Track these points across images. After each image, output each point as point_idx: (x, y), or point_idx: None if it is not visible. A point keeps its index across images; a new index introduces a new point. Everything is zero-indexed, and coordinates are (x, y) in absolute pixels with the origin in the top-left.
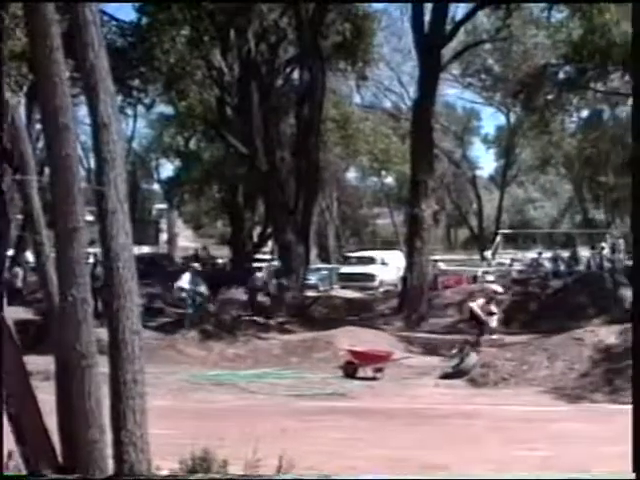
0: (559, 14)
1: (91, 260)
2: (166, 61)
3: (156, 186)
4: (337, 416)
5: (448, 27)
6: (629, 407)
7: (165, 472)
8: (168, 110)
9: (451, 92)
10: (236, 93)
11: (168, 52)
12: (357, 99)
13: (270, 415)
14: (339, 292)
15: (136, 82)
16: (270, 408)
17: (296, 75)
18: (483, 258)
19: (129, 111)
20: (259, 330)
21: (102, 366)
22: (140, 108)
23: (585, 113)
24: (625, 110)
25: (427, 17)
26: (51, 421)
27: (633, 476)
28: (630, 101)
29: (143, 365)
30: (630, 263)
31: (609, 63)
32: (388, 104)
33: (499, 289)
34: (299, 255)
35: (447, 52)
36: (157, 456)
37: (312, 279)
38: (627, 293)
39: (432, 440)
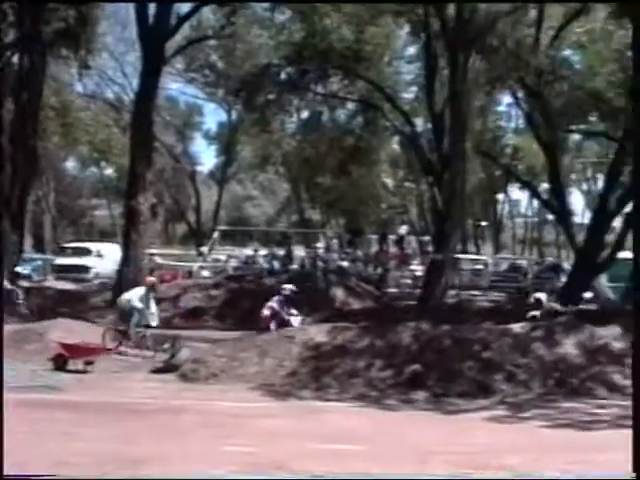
0: (282, 16)
1: None
2: None
3: None
4: (45, 409)
5: (173, 21)
6: (336, 404)
7: None
8: None
9: (174, 86)
10: None
11: None
12: (79, 88)
13: None
14: (53, 283)
15: None
16: None
17: (16, 60)
18: (200, 254)
19: None
20: None
21: None
22: None
23: (305, 114)
24: (343, 113)
25: (152, 9)
26: None
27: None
28: (348, 105)
29: None
30: (343, 263)
31: (329, 67)
32: (110, 94)
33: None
34: (13, 243)
35: (171, 46)
36: None
37: (26, 269)
38: (338, 292)
39: (139, 434)
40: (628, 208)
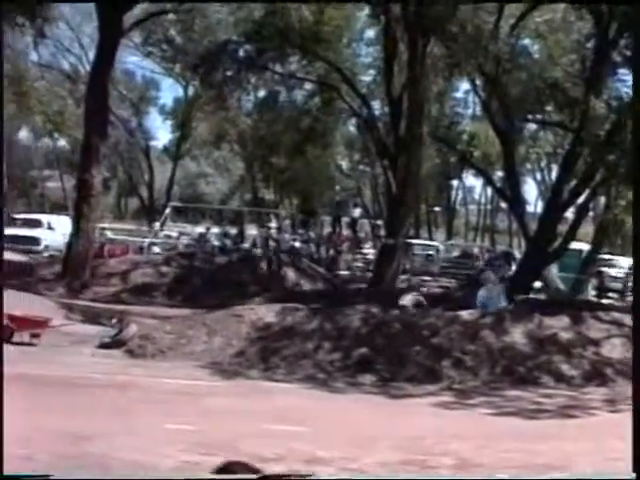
0: None
1: None
2: None
3: None
4: None
5: None
6: (283, 385)
7: None
8: None
9: (131, 59)
10: None
11: None
12: (34, 57)
13: None
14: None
15: None
16: None
17: None
18: (151, 230)
19: None
20: None
21: None
22: None
23: (262, 93)
24: (300, 94)
25: None
26: None
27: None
28: (306, 85)
29: None
30: (295, 244)
31: (288, 46)
32: (66, 65)
33: None
34: None
35: (130, 18)
36: None
37: None
38: (289, 273)
39: (82, 410)
40: (581, 199)
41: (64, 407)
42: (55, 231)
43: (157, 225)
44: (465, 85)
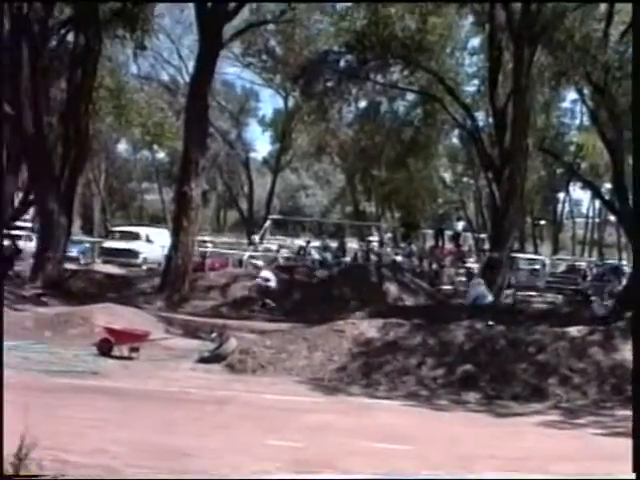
0: (344, 2)
1: None
2: None
3: None
4: (87, 395)
5: (231, 4)
6: (384, 402)
7: None
8: None
9: (231, 71)
10: (5, 49)
11: None
12: (134, 69)
13: (17, 391)
14: (100, 267)
15: None
16: (18, 383)
17: (71, 38)
18: (251, 242)
19: None
20: (13, 301)
21: None
22: None
23: (363, 104)
24: (402, 104)
25: None
26: None
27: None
28: (408, 96)
29: None
30: (397, 258)
31: (390, 56)
32: (166, 77)
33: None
34: (61, 225)
35: (229, 29)
36: None
37: (73, 251)
38: (391, 287)
39: (182, 425)
40: None
41: (164, 422)
42: (153, 244)
43: (257, 238)
44: (572, 95)
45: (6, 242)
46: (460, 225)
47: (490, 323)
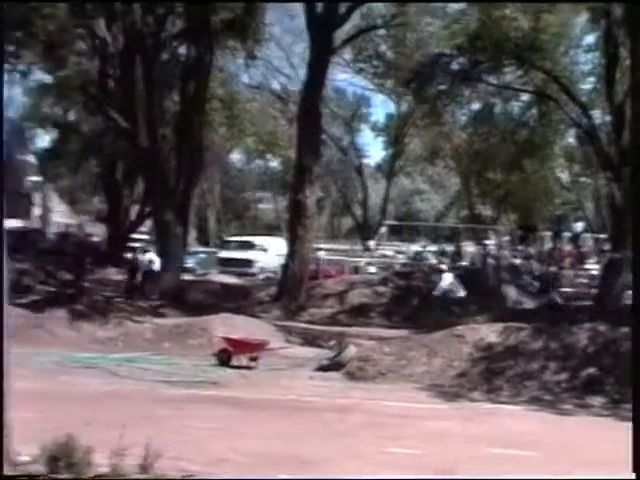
0: (455, 5)
1: None
2: (44, 27)
3: (31, 157)
4: (208, 405)
5: (342, 10)
6: (507, 407)
7: (26, 458)
8: (47, 79)
9: (342, 77)
10: (119, 65)
11: (47, 17)
12: (245, 79)
13: (139, 401)
14: (217, 277)
15: (12, 48)
16: (139, 394)
17: (183, 50)
18: (366, 249)
19: (5, 77)
20: (132, 313)
21: None
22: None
23: (476, 106)
24: (517, 105)
25: None
26: None
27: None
28: (522, 96)
29: (8, 345)
30: (515, 261)
31: (503, 57)
32: (277, 85)
33: None
34: (177, 237)
35: (340, 35)
36: (19, 441)
37: (190, 262)
38: (510, 291)
39: (303, 433)
40: None
41: (285, 431)
42: (268, 253)
43: (372, 244)
44: None
45: (128, 255)
46: (579, 226)
47: None
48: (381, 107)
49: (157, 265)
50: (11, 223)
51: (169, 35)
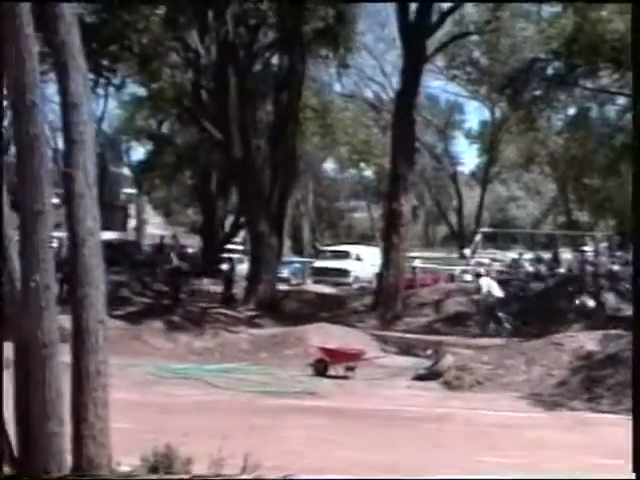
0: (550, 8)
1: (55, 244)
2: (139, 41)
3: (126, 170)
4: (305, 415)
5: (434, 17)
6: (608, 416)
7: (126, 468)
8: (141, 91)
9: (435, 84)
10: (212, 77)
11: (141, 31)
12: (337, 88)
13: (236, 412)
14: (312, 287)
15: (106, 61)
16: (237, 404)
17: (275, 60)
18: (462, 257)
19: (100, 91)
20: (228, 323)
21: (64, 355)
22: (112, 88)
23: (572, 111)
24: (613, 109)
25: (413, 6)
26: (7, 413)
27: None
28: (619, 100)
29: (107, 356)
30: (613, 267)
31: (599, 60)
32: (369, 94)
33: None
34: (272, 247)
35: (432, 43)
36: (118, 451)
37: (284, 272)
38: (609, 297)
39: (402, 443)
40: None
41: (382, 441)
42: (363, 262)
43: (468, 252)
44: None
45: (224, 266)
46: None
47: None
48: (475, 114)
49: None
50: (107, 235)
51: (261, 46)
